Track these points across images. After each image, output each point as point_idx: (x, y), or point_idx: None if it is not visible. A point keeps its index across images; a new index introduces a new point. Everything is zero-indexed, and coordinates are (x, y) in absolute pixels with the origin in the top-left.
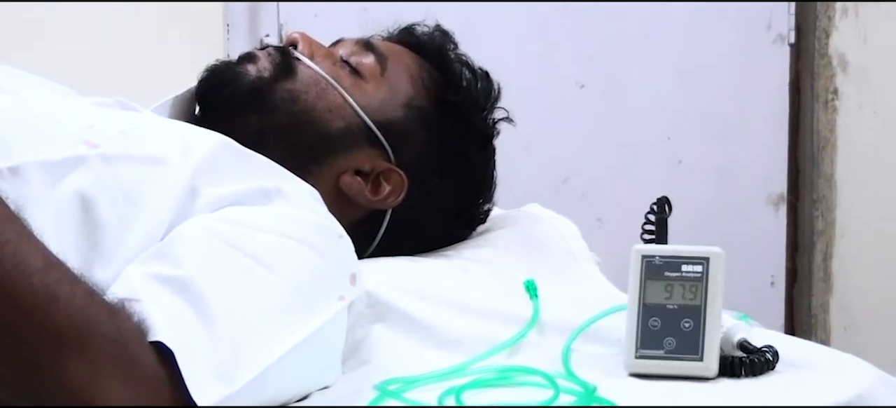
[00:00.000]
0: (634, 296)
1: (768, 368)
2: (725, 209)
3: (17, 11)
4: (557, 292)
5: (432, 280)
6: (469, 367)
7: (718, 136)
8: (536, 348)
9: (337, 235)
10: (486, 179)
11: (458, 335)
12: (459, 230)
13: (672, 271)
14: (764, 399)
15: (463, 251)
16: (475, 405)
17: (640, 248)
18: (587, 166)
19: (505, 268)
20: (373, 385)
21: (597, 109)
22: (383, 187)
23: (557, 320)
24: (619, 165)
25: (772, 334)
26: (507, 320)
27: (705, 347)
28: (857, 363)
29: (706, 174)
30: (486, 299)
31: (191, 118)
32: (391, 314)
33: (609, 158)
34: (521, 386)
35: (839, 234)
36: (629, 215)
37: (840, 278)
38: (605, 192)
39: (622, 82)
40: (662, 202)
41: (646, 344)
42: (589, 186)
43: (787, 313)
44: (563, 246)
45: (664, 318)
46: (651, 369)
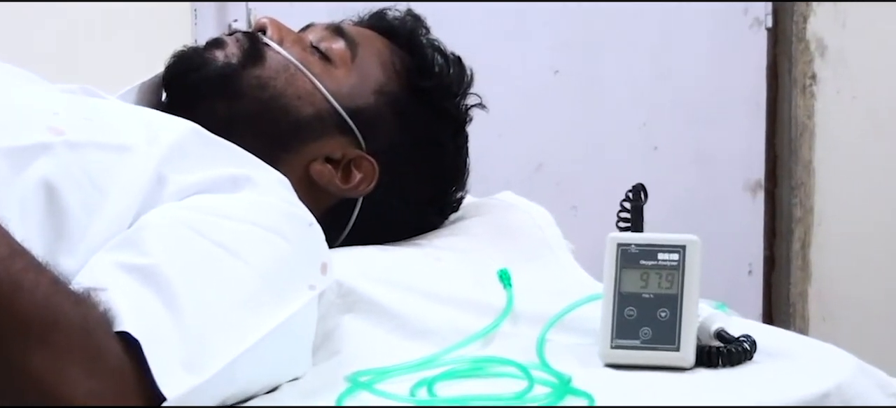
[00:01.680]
0: (610, 285)
1: (746, 357)
2: (702, 196)
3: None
4: (531, 281)
5: (404, 269)
6: (441, 358)
7: (695, 122)
8: (510, 338)
9: (307, 224)
10: (458, 166)
11: (431, 325)
12: (432, 218)
13: (648, 260)
14: (741, 390)
15: (435, 240)
16: (448, 397)
17: (615, 236)
18: (562, 153)
19: (478, 257)
20: (343, 376)
21: (572, 95)
22: (354, 175)
23: (531, 310)
24: (595, 152)
25: (749, 324)
26: (481, 310)
27: (682, 336)
28: (837, 353)
29: (682, 161)
30: (458, 289)
31: (157, 105)
32: (362, 304)
33: (584, 145)
34: (495, 377)
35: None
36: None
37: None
38: (580, 179)
39: (597, 68)
40: (638, 189)
41: (621, 334)
42: (563, 174)
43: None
44: (537, 234)
45: (640, 307)
46: (627, 360)
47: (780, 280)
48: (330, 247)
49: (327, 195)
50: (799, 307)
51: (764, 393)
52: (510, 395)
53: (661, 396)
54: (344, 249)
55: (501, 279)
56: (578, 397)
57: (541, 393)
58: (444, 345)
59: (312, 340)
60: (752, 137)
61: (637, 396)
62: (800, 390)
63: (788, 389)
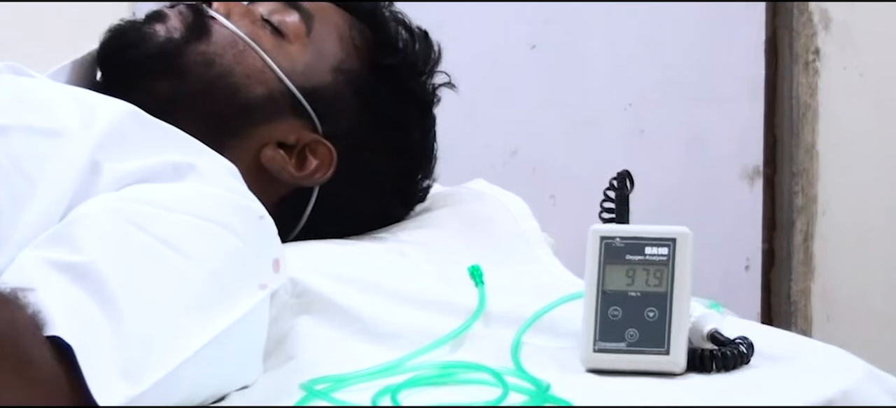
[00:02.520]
0: (592, 282)
1: (742, 361)
2: (694, 184)
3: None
4: (506, 279)
5: (365, 266)
6: (406, 363)
7: (686, 102)
8: (482, 341)
9: (257, 216)
10: (425, 151)
11: (395, 328)
12: (396, 210)
13: (634, 255)
14: (737, 397)
15: (400, 233)
16: (413, 406)
17: (598, 228)
18: (539, 137)
19: (447, 252)
20: (299, 384)
21: (550, 72)
22: (309, 162)
23: (506, 310)
24: (575, 136)
25: (746, 324)
26: (450, 310)
27: (672, 339)
28: (843, 356)
29: (672, 145)
30: (425, 287)
31: (92, 85)
32: (319, 304)
33: (563, 128)
34: (466, 384)
35: (821, 211)
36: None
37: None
38: (559, 165)
39: (578, 43)
40: (623, 177)
41: (605, 336)
42: (541, 160)
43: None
44: (511, 227)
45: (626, 307)
46: (611, 364)
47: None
48: (283, 241)
49: (280, 184)
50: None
51: (762, 401)
52: (482, 404)
53: (648, 404)
54: (298, 244)
55: (472, 276)
56: (558, 405)
57: (516, 401)
58: (409, 349)
59: (264, 344)
60: (749, 119)
61: (622, 404)
62: (801, 397)
63: (789, 396)
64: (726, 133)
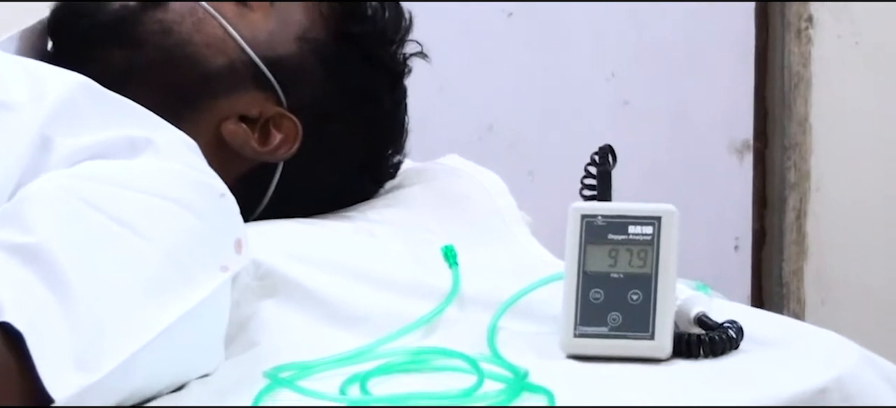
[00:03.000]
0: (573, 263)
1: (731, 346)
2: (680, 159)
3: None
4: (481, 260)
5: (332, 246)
6: (376, 349)
7: (672, 72)
8: (456, 325)
9: (218, 194)
10: (395, 125)
11: (364, 312)
12: (364, 187)
13: (617, 234)
14: (725, 384)
15: (368, 212)
16: (383, 395)
17: (578, 206)
18: (516, 110)
19: (418, 231)
20: (262, 372)
21: (528, 41)
22: (273, 136)
23: (481, 293)
24: (554, 109)
25: (735, 307)
26: (422, 293)
27: (657, 323)
28: (837, 340)
29: (657, 118)
30: (395, 269)
31: (42, 56)
32: (284, 287)
33: (542, 100)
34: (439, 371)
35: (815, 187)
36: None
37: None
38: (538, 140)
39: (558, 9)
40: (605, 152)
41: (586, 320)
42: (518, 134)
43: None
44: (487, 205)
45: (608, 289)
46: (593, 350)
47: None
48: (245, 221)
49: (242, 160)
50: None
51: (751, 388)
52: (456, 392)
53: (632, 392)
54: (262, 224)
55: (446, 257)
56: (536, 393)
57: (492, 390)
58: (379, 334)
59: (225, 330)
60: (738, 90)
61: (604, 392)
62: (793, 384)
63: (780, 383)
64: (714, 105)
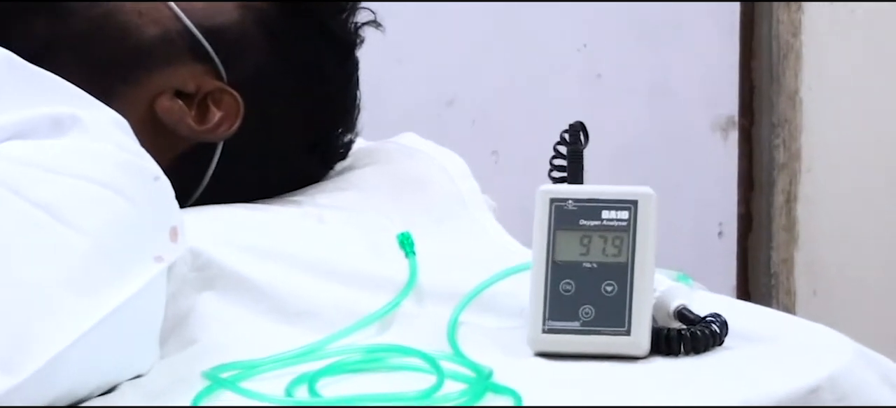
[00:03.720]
0: (541, 252)
1: (714, 342)
2: (658, 137)
3: None
4: (441, 248)
5: (278, 234)
6: (326, 346)
7: (648, 42)
8: (414, 320)
9: (152, 177)
10: (346, 101)
11: (312, 306)
12: (313, 168)
13: (589, 219)
14: (708, 384)
15: (317, 196)
16: (334, 397)
17: (547, 189)
18: (479, 84)
19: (372, 217)
20: (201, 372)
21: (492, 8)
22: (212, 113)
23: (441, 284)
24: (521, 82)
25: (719, 300)
26: (376, 285)
27: (633, 317)
28: (830, 336)
29: (633, 92)
30: (347, 258)
31: None
32: (225, 279)
33: (507, 73)
34: (394, 371)
35: (806, 168)
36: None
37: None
38: (503, 117)
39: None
40: (576, 130)
41: (556, 314)
42: (481, 110)
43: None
44: (447, 188)
45: (580, 280)
46: (563, 347)
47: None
48: (182, 206)
49: (178, 140)
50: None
51: (737, 388)
52: (414, 393)
53: (605, 392)
54: (200, 209)
55: (402, 245)
56: (501, 395)
57: (453, 391)
58: (329, 330)
59: (160, 326)
60: (722, 62)
61: (575, 392)
62: (782, 383)
63: (768, 382)
64: (696, 78)
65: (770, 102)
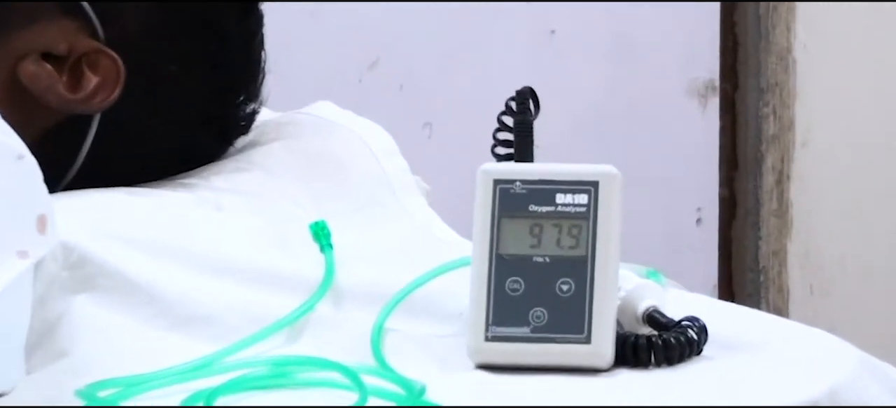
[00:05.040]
0: (483, 244)
1: (692, 351)
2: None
3: None
4: (362, 240)
5: (167, 224)
6: (225, 359)
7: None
8: (331, 327)
9: (15, 156)
10: (248, 64)
11: (208, 310)
12: (208, 145)
13: (541, 204)
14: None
15: (214, 179)
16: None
17: (490, 169)
18: (408, 42)
19: (279, 203)
20: (74, 391)
21: None
22: (87, 79)
23: (363, 284)
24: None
25: (697, 300)
26: (285, 284)
27: (594, 321)
28: (830, 342)
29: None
30: (250, 253)
31: None
32: (103, 279)
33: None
34: (308, 387)
35: (800, 141)
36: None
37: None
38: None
39: None
40: (525, 96)
41: (501, 319)
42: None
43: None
44: (370, 167)
45: (530, 278)
46: (510, 358)
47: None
48: (52, 190)
49: (47, 111)
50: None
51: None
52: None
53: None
54: (73, 195)
55: (316, 237)
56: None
57: None
58: (228, 339)
59: (25, 335)
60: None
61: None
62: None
63: (755, 398)
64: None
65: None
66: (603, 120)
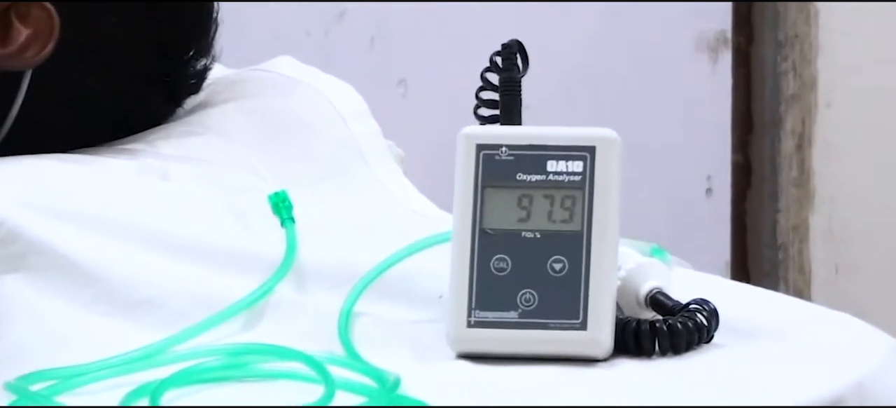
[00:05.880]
0: (465, 218)
1: (701, 339)
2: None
3: None
4: (329, 213)
5: (108, 196)
6: (174, 347)
7: None
8: (293, 311)
9: None
10: (199, 15)
11: (155, 292)
12: (155, 105)
13: (530, 173)
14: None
15: (161, 144)
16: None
17: (473, 133)
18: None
19: (235, 171)
20: (4, 384)
21: None
22: (17, 31)
23: (329, 263)
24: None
25: (708, 281)
26: (241, 264)
27: (590, 305)
28: (857, 328)
29: None
30: (201, 227)
31: None
32: (36, 257)
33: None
34: (267, 379)
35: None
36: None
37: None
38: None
39: None
40: (512, 51)
41: (486, 302)
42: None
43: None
44: (337, 131)
45: (518, 255)
46: (495, 346)
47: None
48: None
49: None
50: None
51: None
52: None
53: None
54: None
55: (276, 210)
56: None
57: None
58: (177, 326)
59: None
60: None
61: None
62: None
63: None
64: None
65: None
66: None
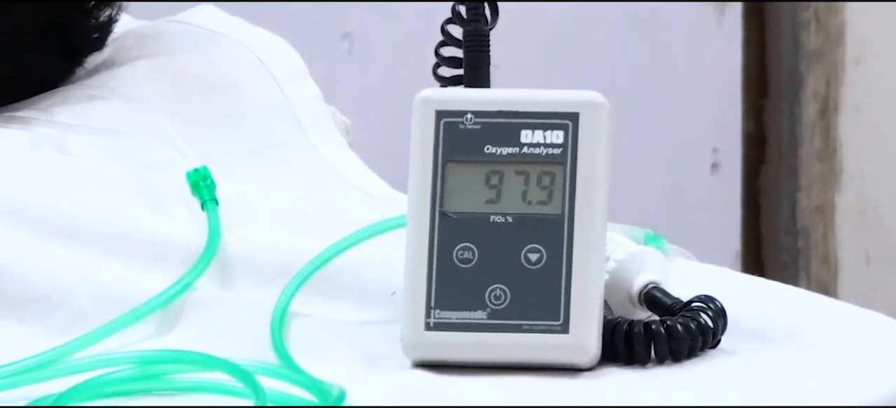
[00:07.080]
0: (422, 198)
1: (706, 343)
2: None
3: None
4: (259, 193)
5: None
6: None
7: None
8: (217, 311)
9: None
10: None
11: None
12: (48, 65)
13: (501, 145)
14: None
15: (57, 111)
16: None
17: (432, 97)
18: None
19: (146, 143)
20: None
21: None
22: None
23: (260, 252)
24: None
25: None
26: (154, 254)
27: (573, 303)
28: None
29: None
30: (106, 210)
31: None
32: None
33: None
34: (184, 392)
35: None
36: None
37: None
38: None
39: None
40: None
41: (447, 301)
42: None
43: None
44: (269, 95)
45: (486, 243)
46: (459, 353)
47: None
48: None
49: None
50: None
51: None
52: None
53: None
54: None
55: (196, 189)
56: None
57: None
58: (81, 329)
59: None
60: None
61: None
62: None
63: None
64: None
65: None
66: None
